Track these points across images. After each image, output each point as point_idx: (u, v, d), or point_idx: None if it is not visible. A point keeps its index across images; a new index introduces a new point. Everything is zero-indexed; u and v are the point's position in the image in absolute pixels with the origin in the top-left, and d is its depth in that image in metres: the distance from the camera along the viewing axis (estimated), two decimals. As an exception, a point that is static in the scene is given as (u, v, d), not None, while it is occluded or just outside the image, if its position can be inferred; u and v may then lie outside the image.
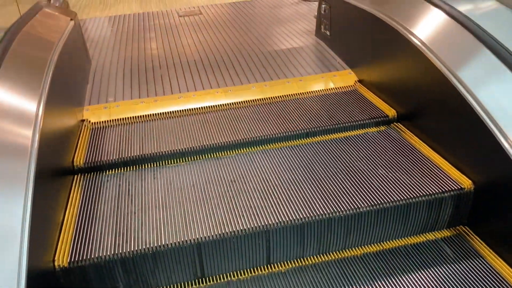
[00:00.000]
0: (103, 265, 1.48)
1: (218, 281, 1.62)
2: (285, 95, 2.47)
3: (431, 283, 1.55)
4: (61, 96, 2.07)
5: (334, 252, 1.70)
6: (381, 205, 1.66)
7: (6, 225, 1.21)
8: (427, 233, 1.77)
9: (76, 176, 1.91)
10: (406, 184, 1.75)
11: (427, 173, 1.81)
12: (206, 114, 2.32)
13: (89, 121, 2.32)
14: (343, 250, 1.71)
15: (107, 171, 1.96)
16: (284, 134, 2.10)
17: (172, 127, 2.21)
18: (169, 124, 2.23)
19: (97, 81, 2.73)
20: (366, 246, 1.72)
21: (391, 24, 2.15)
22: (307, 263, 1.66)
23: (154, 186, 1.83)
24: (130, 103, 2.45)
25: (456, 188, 1.72)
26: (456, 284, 1.54)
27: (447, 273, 1.59)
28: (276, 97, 2.46)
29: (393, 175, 1.81)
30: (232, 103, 2.43)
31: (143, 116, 2.34)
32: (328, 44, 3.00)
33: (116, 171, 1.95)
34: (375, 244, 1.73)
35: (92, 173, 1.95)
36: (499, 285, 1.52)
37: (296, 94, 2.48)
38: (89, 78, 2.77)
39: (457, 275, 1.57)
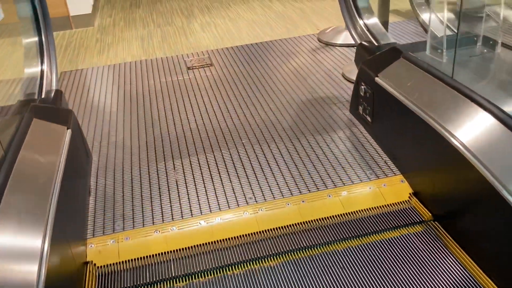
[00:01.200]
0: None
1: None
2: (327, 218, 2.06)
3: (403, 272, 1.76)
4: (65, 230, 1.76)
5: (318, 248, 1.90)
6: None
7: None
8: (400, 229, 1.98)
9: None
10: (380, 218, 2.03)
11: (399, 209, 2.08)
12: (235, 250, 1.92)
13: (94, 264, 1.91)
14: (327, 245, 1.91)
15: None
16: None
17: None
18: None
19: (101, 191, 2.30)
20: (346, 241, 1.93)
21: (448, 139, 1.79)
22: (292, 258, 1.85)
23: None
24: (142, 234, 2.04)
25: (419, 220, 2.01)
26: (424, 272, 1.75)
27: (417, 264, 1.79)
28: (317, 220, 2.05)
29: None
30: (265, 232, 2.02)
31: (159, 255, 1.93)
32: (369, 130, 2.58)
33: None
34: (355, 240, 1.94)
35: None
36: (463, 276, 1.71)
37: (340, 216, 2.07)
38: (90, 183, 2.35)
39: (426, 266, 1.78)
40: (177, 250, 1.95)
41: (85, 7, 5.01)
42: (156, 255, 1.94)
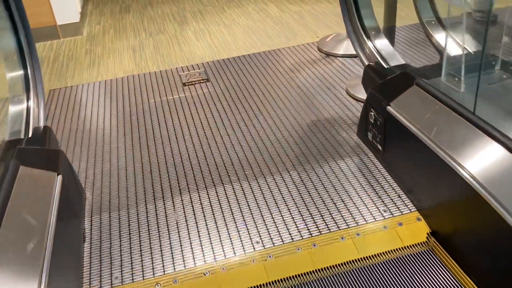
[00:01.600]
0: None
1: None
2: (341, 265, 1.92)
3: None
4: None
5: (320, 271, 1.89)
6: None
7: None
8: (400, 249, 1.97)
9: None
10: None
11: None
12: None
13: (91, 327, 1.76)
14: (328, 268, 1.90)
15: None
16: None
17: None
18: None
19: (96, 235, 2.14)
20: (348, 264, 1.91)
21: (468, 180, 1.64)
22: (294, 283, 1.84)
23: None
24: (142, 288, 1.89)
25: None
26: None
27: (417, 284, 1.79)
28: (330, 268, 1.91)
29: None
30: (275, 283, 1.87)
31: (161, 314, 1.79)
32: (380, 159, 2.43)
33: None
34: (356, 262, 1.92)
35: None
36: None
37: (355, 262, 1.93)
38: (85, 227, 2.19)
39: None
40: (181, 307, 1.81)
41: (72, 15, 4.80)
42: (158, 314, 1.79)
